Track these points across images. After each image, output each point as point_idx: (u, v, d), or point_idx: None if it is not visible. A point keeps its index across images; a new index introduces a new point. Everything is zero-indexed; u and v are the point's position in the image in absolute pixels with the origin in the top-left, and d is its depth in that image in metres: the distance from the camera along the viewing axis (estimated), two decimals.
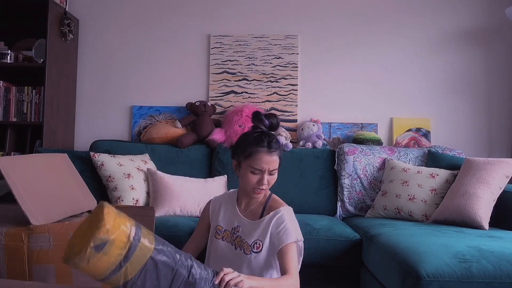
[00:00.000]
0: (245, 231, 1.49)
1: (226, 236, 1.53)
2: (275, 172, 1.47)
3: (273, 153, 1.44)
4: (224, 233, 1.54)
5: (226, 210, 1.58)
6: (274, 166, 1.45)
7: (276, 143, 1.47)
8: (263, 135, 1.47)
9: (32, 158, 1.68)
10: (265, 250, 1.44)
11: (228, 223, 1.55)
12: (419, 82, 2.97)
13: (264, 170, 1.44)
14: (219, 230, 1.55)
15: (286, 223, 1.43)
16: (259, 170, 1.44)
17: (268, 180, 1.46)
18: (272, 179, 1.48)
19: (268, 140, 1.45)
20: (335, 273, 2.09)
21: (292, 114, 2.99)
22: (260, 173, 1.45)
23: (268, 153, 1.44)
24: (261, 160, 1.44)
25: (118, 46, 3.11)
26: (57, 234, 1.40)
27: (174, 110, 3.03)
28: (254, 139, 1.46)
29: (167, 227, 2.04)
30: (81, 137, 3.07)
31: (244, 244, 1.48)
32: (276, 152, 1.46)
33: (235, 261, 1.48)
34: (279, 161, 1.48)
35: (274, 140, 1.47)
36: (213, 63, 3.03)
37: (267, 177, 1.45)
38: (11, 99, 2.75)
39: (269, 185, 1.48)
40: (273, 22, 3.03)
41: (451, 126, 2.94)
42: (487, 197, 2.03)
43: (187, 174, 2.58)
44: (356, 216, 2.52)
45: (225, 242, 1.52)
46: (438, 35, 2.97)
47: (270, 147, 1.44)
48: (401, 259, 1.53)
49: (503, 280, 1.40)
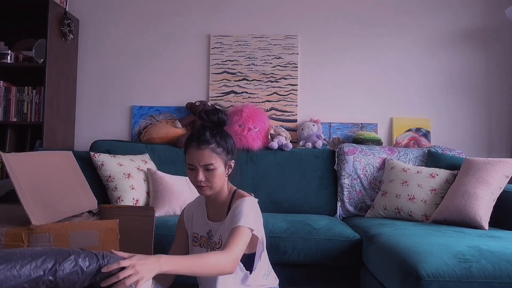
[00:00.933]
0: (217, 233, 1.45)
1: (203, 242, 1.49)
2: (211, 167, 1.38)
3: (203, 147, 1.37)
4: (201, 239, 1.50)
5: (197, 216, 1.54)
6: (206, 161, 1.37)
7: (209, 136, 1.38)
8: (196, 130, 1.43)
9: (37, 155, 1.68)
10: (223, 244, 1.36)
11: (201, 228, 1.51)
12: (419, 82, 2.97)
13: (196, 165, 1.38)
14: (196, 237, 1.52)
15: (241, 208, 1.35)
16: (192, 166, 1.40)
17: (206, 177, 1.39)
18: (211, 176, 1.39)
19: (198, 135, 1.39)
20: (335, 273, 2.09)
21: (292, 114, 2.99)
22: (196, 169, 1.39)
23: (197, 147, 1.38)
24: (191, 155, 1.39)
25: (118, 46, 3.11)
26: (57, 234, 1.40)
27: (174, 110, 3.03)
28: (189, 137, 1.43)
29: (167, 227, 2.05)
30: (81, 137, 3.07)
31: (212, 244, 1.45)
32: (207, 146, 1.37)
33: None
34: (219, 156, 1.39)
35: (207, 134, 1.38)
36: (213, 63, 3.03)
37: (203, 173, 1.38)
38: (11, 99, 2.75)
39: (211, 183, 1.40)
40: (273, 22, 3.03)
41: (451, 126, 2.94)
42: (487, 197, 2.03)
43: None
44: (356, 216, 2.52)
45: (203, 249, 1.48)
46: (438, 35, 2.97)
47: (199, 141, 1.37)
48: (401, 259, 1.53)
49: (503, 280, 1.40)
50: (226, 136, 1.44)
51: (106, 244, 1.45)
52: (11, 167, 1.42)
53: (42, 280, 0.96)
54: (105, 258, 1.05)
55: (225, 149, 1.41)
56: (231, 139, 1.46)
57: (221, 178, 1.42)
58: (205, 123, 1.44)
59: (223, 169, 1.42)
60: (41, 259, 0.98)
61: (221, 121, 1.43)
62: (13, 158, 1.46)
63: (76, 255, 1.02)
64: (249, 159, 2.70)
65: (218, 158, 1.39)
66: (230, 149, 1.44)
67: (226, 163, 1.43)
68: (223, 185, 1.46)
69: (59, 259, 0.99)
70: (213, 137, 1.39)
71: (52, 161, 1.68)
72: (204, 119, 1.44)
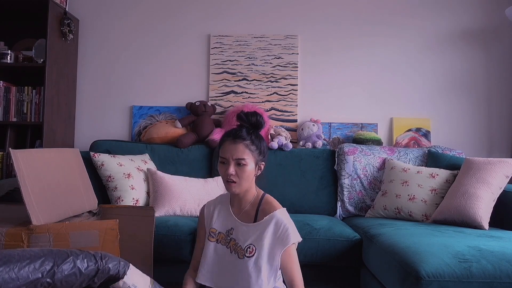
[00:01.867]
0: (239, 234, 1.48)
1: (221, 238, 1.52)
2: (243, 162, 1.44)
3: (238, 141, 1.45)
4: (219, 236, 1.52)
5: (220, 212, 1.57)
6: (239, 155, 1.44)
7: (245, 133, 1.47)
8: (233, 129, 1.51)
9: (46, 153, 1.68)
10: (257, 254, 1.43)
11: (222, 225, 1.54)
12: (419, 82, 2.97)
13: (228, 159, 1.45)
14: (213, 232, 1.54)
15: (284, 226, 1.43)
16: (225, 159, 1.46)
17: (236, 172, 1.44)
18: (241, 171, 1.45)
19: (235, 131, 1.48)
20: (335, 273, 2.09)
21: (292, 114, 2.99)
22: (227, 163, 1.45)
23: (232, 141, 1.46)
24: (225, 149, 1.46)
25: (118, 46, 3.11)
26: (57, 234, 1.40)
27: (174, 110, 3.03)
28: (226, 133, 1.52)
29: (167, 227, 2.04)
30: (81, 137, 3.07)
31: (238, 248, 1.47)
32: (242, 141, 1.45)
33: (228, 264, 1.48)
34: (252, 153, 1.46)
35: (244, 131, 1.48)
36: (213, 63, 3.03)
37: (234, 167, 1.44)
38: (11, 99, 2.75)
39: (240, 179, 1.45)
40: (273, 22, 3.03)
41: (451, 126, 2.94)
42: (487, 197, 2.03)
43: (187, 174, 2.58)
44: (356, 216, 2.52)
45: (220, 245, 1.51)
46: (438, 35, 2.97)
47: (235, 136, 1.46)
48: (401, 259, 1.53)
49: (503, 280, 1.40)
50: (261, 138, 1.53)
51: (106, 244, 1.45)
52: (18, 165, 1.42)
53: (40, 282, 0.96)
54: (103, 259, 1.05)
55: (258, 149, 1.49)
56: (264, 142, 1.54)
57: (250, 175, 1.48)
58: (243, 123, 1.52)
59: (253, 167, 1.48)
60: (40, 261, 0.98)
61: (258, 123, 1.52)
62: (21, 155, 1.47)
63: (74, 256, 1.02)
64: None
65: (251, 155, 1.46)
66: (263, 150, 1.51)
67: (257, 163, 1.49)
68: (251, 185, 1.51)
69: (57, 261, 1.00)
70: (249, 135, 1.48)
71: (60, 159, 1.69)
72: (243, 119, 1.52)
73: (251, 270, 1.42)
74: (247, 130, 1.49)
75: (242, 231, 1.48)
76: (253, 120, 1.51)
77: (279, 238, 1.41)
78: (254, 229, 1.46)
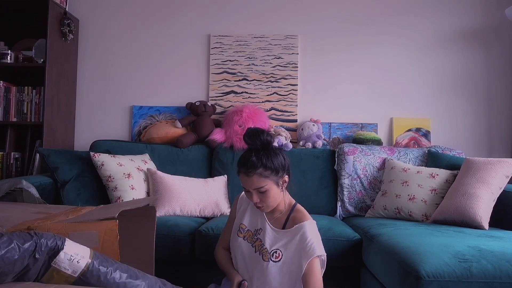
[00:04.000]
0: (266, 236, 1.51)
1: (248, 236, 1.54)
2: (264, 189, 1.45)
3: (250, 174, 1.43)
4: (247, 233, 1.55)
5: (252, 210, 1.59)
6: (257, 185, 1.44)
7: (255, 160, 1.43)
8: (244, 154, 1.48)
9: None
10: (283, 261, 1.46)
11: (252, 223, 1.56)
12: (419, 82, 2.97)
13: (248, 189, 1.47)
14: (242, 228, 1.57)
15: (310, 239, 1.44)
16: (246, 189, 1.48)
17: (260, 198, 1.46)
18: (265, 197, 1.46)
19: (244, 160, 1.45)
20: (335, 273, 2.08)
21: (292, 114, 2.99)
22: (250, 192, 1.47)
23: (245, 174, 1.45)
24: (243, 181, 1.47)
25: (118, 46, 3.11)
26: (57, 234, 1.40)
27: (174, 110, 3.03)
28: (239, 161, 1.49)
29: (167, 227, 2.05)
30: (81, 137, 3.08)
31: (264, 250, 1.49)
32: (254, 171, 1.43)
33: (250, 262, 1.50)
34: (268, 178, 1.45)
35: (252, 159, 1.43)
36: (213, 63, 3.03)
37: (257, 195, 1.46)
38: (11, 99, 2.75)
39: (266, 203, 1.48)
40: (273, 22, 3.03)
41: (451, 126, 2.94)
42: (487, 197, 2.03)
43: (187, 174, 2.58)
44: (356, 216, 2.52)
45: (246, 242, 1.54)
46: (438, 35, 2.97)
47: (247, 168, 1.44)
48: (401, 259, 1.53)
49: (503, 280, 1.40)
50: (273, 156, 1.47)
51: (106, 244, 1.45)
52: None
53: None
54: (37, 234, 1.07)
55: (274, 170, 1.46)
56: (279, 157, 1.49)
57: (275, 196, 1.48)
58: (250, 147, 1.49)
59: (275, 188, 1.47)
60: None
61: (265, 143, 1.47)
62: None
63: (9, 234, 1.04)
64: None
65: (268, 180, 1.45)
66: (280, 167, 1.48)
67: (278, 182, 1.48)
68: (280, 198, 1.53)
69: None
70: (259, 160, 1.43)
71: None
72: (248, 143, 1.49)
73: (275, 275, 1.45)
74: (256, 155, 1.44)
75: (269, 234, 1.51)
76: (258, 143, 1.47)
77: (303, 250, 1.43)
78: (282, 235, 1.49)
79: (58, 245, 1.09)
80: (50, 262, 1.06)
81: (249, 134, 1.49)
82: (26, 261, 1.03)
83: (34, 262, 1.04)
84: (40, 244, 1.05)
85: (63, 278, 1.08)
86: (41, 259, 1.05)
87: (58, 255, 1.07)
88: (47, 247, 1.06)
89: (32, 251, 1.04)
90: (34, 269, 1.04)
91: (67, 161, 2.44)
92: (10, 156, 2.76)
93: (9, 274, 1.01)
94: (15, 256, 1.01)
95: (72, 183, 2.37)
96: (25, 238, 1.05)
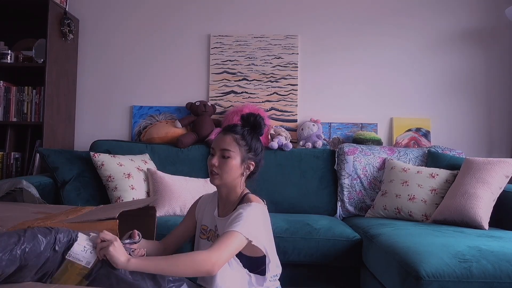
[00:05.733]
0: (219, 229, 1.46)
1: (211, 235, 1.50)
2: (227, 154, 1.41)
3: (227, 133, 1.45)
4: (209, 233, 1.51)
5: (209, 209, 1.56)
6: (224, 145, 1.42)
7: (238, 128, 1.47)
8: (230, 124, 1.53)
9: None
10: None
11: (210, 222, 1.52)
12: (419, 82, 2.97)
13: (215, 149, 1.44)
14: (204, 230, 1.53)
15: (242, 214, 1.32)
16: (213, 150, 1.46)
17: (220, 164, 1.41)
18: (224, 164, 1.41)
19: (228, 126, 1.49)
20: (335, 273, 2.09)
21: (292, 114, 2.99)
22: (214, 154, 1.45)
23: (222, 133, 1.47)
24: (215, 140, 1.47)
25: (118, 46, 3.11)
26: None
27: (174, 110, 3.03)
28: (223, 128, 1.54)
29: (167, 227, 2.04)
30: (81, 137, 3.07)
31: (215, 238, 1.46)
32: (231, 133, 1.44)
33: None
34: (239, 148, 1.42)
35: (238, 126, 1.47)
36: (213, 63, 3.03)
37: (218, 159, 1.43)
38: (11, 99, 2.75)
39: (221, 171, 1.41)
40: (273, 22, 3.03)
41: (451, 126, 2.94)
42: (487, 197, 2.03)
43: (187, 174, 2.58)
44: (356, 216, 2.52)
45: (211, 242, 1.48)
46: (438, 35, 2.97)
47: (227, 129, 1.47)
48: (401, 259, 1.53)
49: (503, 280, 1.40)
50: (256, 138, 1.49)
51: None
52: None
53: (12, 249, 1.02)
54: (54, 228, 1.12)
55: (248, 145, 1.45)
56: (259, 143, 1.50)
57: (233, 170, 1.43)
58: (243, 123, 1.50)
59: (238, 162, 1.43)
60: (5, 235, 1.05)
61: (256, 124, 1.48)
62: None
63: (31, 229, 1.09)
64: None
65: (237, 148, 1.43)
66: (253, 148, 1.47)
67: (244, 159, 1.44)
68: (235, 182, 1.46)
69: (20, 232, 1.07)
70: (242, 130, 1.46)
71: None
72: (243, 118, 1.51)
73: None
74: (242, 126, 1.48)
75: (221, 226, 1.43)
76: (251, 119, 1.48)
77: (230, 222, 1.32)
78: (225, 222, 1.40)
79: (73, 237, 1.12)
80: (64, 255, 1.09)
81: (248, 113, 1.52)
82: (48, 253, 1.07)
83: (53, 255, 1.08)
84: (58, 237, 1.10)
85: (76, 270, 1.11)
86: (60, 251, 1.09)
87: (73, 246, 1.11)
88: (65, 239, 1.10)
89: (53, 244, 1.08)
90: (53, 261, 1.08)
91: (67, 161, 2.44)
92: (10, 156, 2.76)
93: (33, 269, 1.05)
94: (41, 249, 1.06)
95: (72, 183, 2.38)
96: (46, 232, 1.10)
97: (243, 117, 1.51)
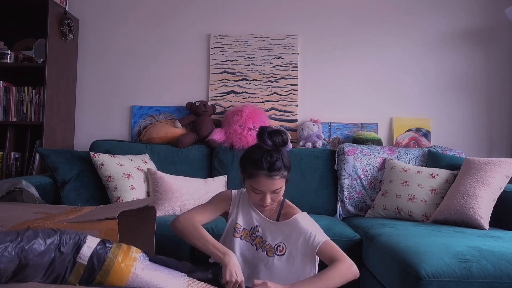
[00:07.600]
0: (264, 231, 1.50)
1: (245, 235, 1.52)
2: (279, 190, 1.43)
3: (275, 176, 1.38)
4: (243, 232, 1.53)
5: (243, 209, 1.56)
6: (276, 187, 1.41)
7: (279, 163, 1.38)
8: (263, 156, 1.39)
9: None
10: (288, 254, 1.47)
11: (246, 222, 1.54)
12: (419, 82, 2.97)
13: (265, 192, 1.42)
14: (238, 228, 1.54)
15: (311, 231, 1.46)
16: (260, 191, 1.42)
17: (272, 198, 1.44)
18: (276, 197, 1.46)
19: (268, 163, 1.37)
20: None
21: (292, 114, 2.99)
22: (262, 193, 1.43)
23: (268, 176, 1.38)
24: (261, 183, 1.40)
25: (118, 45, 3.11)
26: None
27: (174, 110, 3.03)
28: (254, 161, 1.39)
29: (167, 227, 2.04)
30: (81, 137, 3.07)
31: (267, 246, 1.49)
32: (279, 174, 1.39)
33: (253, 261, 1.49)
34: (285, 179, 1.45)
35: (277, 162, 1.38)
36: (213, 63, 3.03)
37: (270, 195, 1.43)
38: (11, 99, 2.75)
39: (274, 201, 1.47)
40: (273, 22, 3.03)
41: (451, 126, 2.94)
42: (487, 197, 2.03)
43: (187, 174, 2.58)
44: (356, 216, 2.52)
45: (244, 242, 1.52)
46: (438, 35, 2.97)
47: (271, 170, 1.37)
48: (401, 259, 1.53)
49: (503, 280, 1.40)
50: (287, 155, 1.46)
51: None
52: None
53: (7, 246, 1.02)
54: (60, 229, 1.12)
55: (290, 169, 1.46)
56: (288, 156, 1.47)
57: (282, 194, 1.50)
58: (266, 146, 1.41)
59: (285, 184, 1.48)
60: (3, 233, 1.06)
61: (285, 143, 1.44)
62: None
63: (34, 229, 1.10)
64: None
65: (284, 180, 1.45)
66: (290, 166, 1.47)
67: (288, 180, 1.48)
68: None
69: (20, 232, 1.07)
70: (282, 163, 1.40)
71: None
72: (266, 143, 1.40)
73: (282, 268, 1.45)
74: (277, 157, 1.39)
75: (268, 228, 1.50)
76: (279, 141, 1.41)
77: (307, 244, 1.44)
78: (281, 227, 1.49)
79: (81, 239, 1.13)
80: (75, 258, 1.10)
81: (269, 132, 1.42)
82: (53, 253, 1.07)
83: (60, 256, 1.08)
84: (64, 238, 1.10)
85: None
86: (67, 253, 1.09)
87: (82, 249, 1.11)
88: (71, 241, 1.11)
89: (57, 245, 1.09)
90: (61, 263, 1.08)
91: (67, 161, 2.44)
92: (10, 156, 2.76)
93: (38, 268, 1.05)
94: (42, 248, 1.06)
95: (72, 183, 2.37)
96: (50, 232, 1.11)
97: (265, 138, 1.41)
